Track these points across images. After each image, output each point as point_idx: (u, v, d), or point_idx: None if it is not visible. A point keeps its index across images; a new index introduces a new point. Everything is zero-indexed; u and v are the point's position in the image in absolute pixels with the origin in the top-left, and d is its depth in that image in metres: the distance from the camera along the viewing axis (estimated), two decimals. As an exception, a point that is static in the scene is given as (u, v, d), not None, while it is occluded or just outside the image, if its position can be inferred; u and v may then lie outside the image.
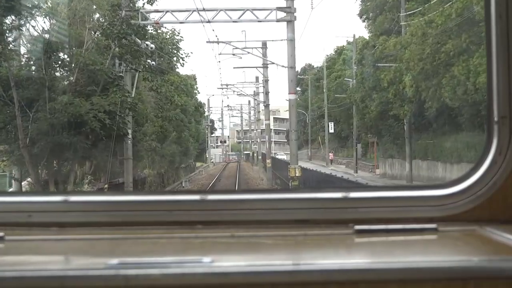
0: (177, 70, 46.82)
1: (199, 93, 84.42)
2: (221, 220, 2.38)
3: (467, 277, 1.90)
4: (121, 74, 26.87)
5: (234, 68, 62.68)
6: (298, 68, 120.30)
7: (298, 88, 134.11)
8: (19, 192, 16.97)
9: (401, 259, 2.03)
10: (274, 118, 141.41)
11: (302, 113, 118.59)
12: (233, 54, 40.93)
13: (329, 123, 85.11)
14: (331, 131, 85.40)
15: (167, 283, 1.87)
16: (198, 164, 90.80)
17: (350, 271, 1.91)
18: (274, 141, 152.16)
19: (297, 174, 30.46)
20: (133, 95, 28.09)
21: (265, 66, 50.75)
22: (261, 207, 2.41)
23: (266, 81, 51.35)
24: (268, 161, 51.28)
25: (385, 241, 2.27)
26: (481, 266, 1.93)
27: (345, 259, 2.05)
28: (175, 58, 45.91)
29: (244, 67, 60.80)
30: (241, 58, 44.69)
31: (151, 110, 39.14)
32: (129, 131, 27.24)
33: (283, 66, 31.83)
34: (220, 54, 53.41)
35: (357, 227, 2.31)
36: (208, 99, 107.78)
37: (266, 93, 51.07)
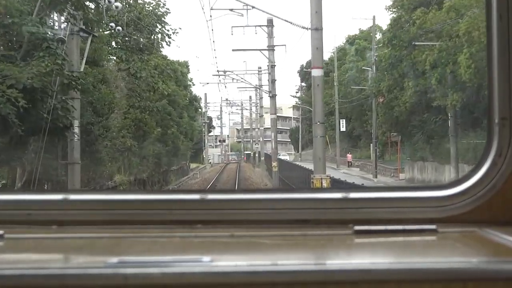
0: (162, 51, 35.55)
1: (193, 84, 73.87)
2: (221, 220, 2.42)
3: (466, 278, 1.94)
4: (62, 37, 15.48)
5: (233, 51, 52.70)
6: (304, 61, 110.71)
7: (303, 84, 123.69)
8: (18, 190, 15.77)
9: (400, 259, 2.09)
10: (276, 116, 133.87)
11: (307, 110, 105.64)
12: (231, 10, 30.07)
13: (340, 120, 76.79)
14: (343, 129, 77.55)
15: (167, 282, 1.90)
16: (193, 165, 79.88)
17: (350, 272, 1.95)
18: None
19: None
20: (81, 69, 16.88)
21: (271, 48, 39.26)
22: (261, 207, 2.45)
23: (272, 67, 39.88)
24: (274, 164, 39.79)
25: (385, 242, 2.32)
26: (480, 267, 1.97)
27: (344, 260, 2.11)
28: (159, 36, 33.90)
29: (245, 50, 50.12)
30: (242, 15, 33.60)
31: (123, 97, 28.08)
32: (76, 123, 15.99)
33: (304, 28, 21.33)
34: (212, 9, 42.31)
35: (357, 227, 2.34)
36: (205, 94, 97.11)
37: (272, 81, 39.84)
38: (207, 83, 64.19)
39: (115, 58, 34.16)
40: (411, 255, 2.15)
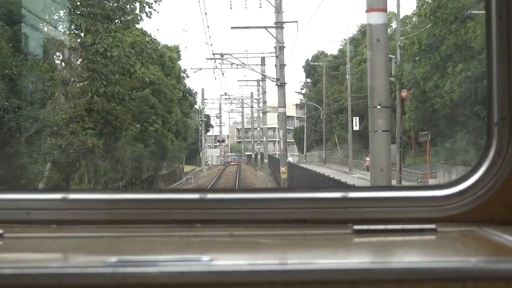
0: (141, 25, 26.13)
1: (187, 76, 64.37)
2: (220, 219, 2.52)
3: (465, 277, 2.03)
4: None
5: (232, 29, 43.14)
6: (309, 55, 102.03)
7: (308, 80, 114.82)
8: (18, 189, 13.95)
9: (400, 259, 2.19)
10: (277, 116, 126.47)
11: (312, 109, 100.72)
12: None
13: (354, 118, 66.66)
14: (356, 128, 67.42)
15: (166, 282, 1.99)
16: (189, 168, 70.64)
17: (349, 271, 2.04)
18: (278, 141, 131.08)
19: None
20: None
21: (279, 26, 29.91)
22: (260, 207, 2.55)
23: (280, 48, 30.61)
24: (283, 169, 29.70)
25: (384, 241, 2.44)
26: (479, 266, 2.07)
27: (344, 259, 2.21)
28: (137, 5, 30.02)
29: (247, 28, 40.57)
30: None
31: (80, 79, 18.53)
32: None
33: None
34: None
35: (356, 227, 2.45)
36: (202, 89, 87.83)
37: (281, 67, 30.33)
38: (200, 69, 54.22)
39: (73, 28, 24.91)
40: (410, 255, 2.28)
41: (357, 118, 71.15)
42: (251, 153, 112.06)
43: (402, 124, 48.28)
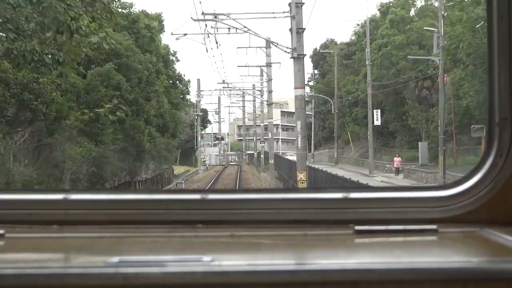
0: None
1: (177, 60, 53.54)
2: (221, 220, 2.51)
3: (466, 278, 2.03)
4: None
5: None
6: (317, 44, 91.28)
7: (315, 71, 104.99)
8: (19, 190, 14.81)
9: (401, 259, 2.17)
10: (281, 112, 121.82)
11: (322, 103, 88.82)
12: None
13: (375, 110, 56.77)
14: (377, 122, 57.61)
15: (167, 282, 1.98)
16: (182, 169, 60.68)
17: (350, 271, 2.03)
18: (281, 138, 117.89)
19: None
20: None
21: None
22: (261, 207, 2.54)
23: (298, 5, 18.38)
24: (301, 175, 16.80)
25: (385, 242, 2.44)
26: (480, 267, 2.06)
27: (345, 260, 2.19)
28: None
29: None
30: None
31: None
32: None
33: None
34: None
35: (357, 227, 2.45)
36: (198, 79, 76.81)
37: (298, 32, 18.37)
38: (184, 35, 40.63)
39: None
40: (411, 255, 2.27)
41: (378, 111, 60.40)
42: (253, 152, 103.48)
43: (444, 114, 39.77)
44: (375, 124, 61.03)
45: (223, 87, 70.97)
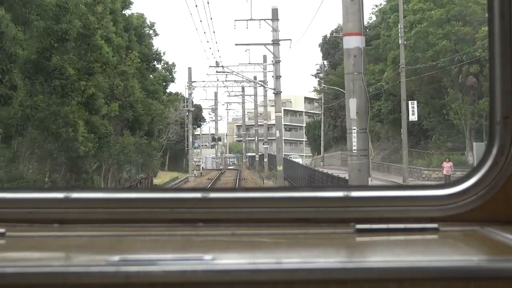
0: None
1: (155, 34, 41.53)
2: (222, 218, 2.51)
3: (467, 277, 2.03)
4: None
5: None
6: (327, 31, 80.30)
7: (324, 62, 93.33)
8: (20, 188, 13.87)
9: (402, 258, 2.18)
10: (284, 110, 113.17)
11: (332, 98, 78.79)
12: None
13: (410, 102, 45.51)
14: (413, 117, 46.10)
15: (168, 280, 1.99)
16: (168, 176, 49.19)
17: (351, 270, 2.04)
18: (284, 139, 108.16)
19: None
20: None
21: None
22: (263, 206, 2.54)
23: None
24: None
25: (386, 241, 2.45)
26: (482, 266, 2.07)
27: (346, 258, 2.23)
28: None
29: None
30: None
31: None
32: None
33: None
34: None
35: (358, 226, 2.46)
36: (189, 68, 64.82)
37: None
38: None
39: None
40: (412, 254, 2.29)
41: (415, 102, 48.70)
42: (254, 154, 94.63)
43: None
44: (410, 119, 49.48)
45: (217, 71, 59.34)
